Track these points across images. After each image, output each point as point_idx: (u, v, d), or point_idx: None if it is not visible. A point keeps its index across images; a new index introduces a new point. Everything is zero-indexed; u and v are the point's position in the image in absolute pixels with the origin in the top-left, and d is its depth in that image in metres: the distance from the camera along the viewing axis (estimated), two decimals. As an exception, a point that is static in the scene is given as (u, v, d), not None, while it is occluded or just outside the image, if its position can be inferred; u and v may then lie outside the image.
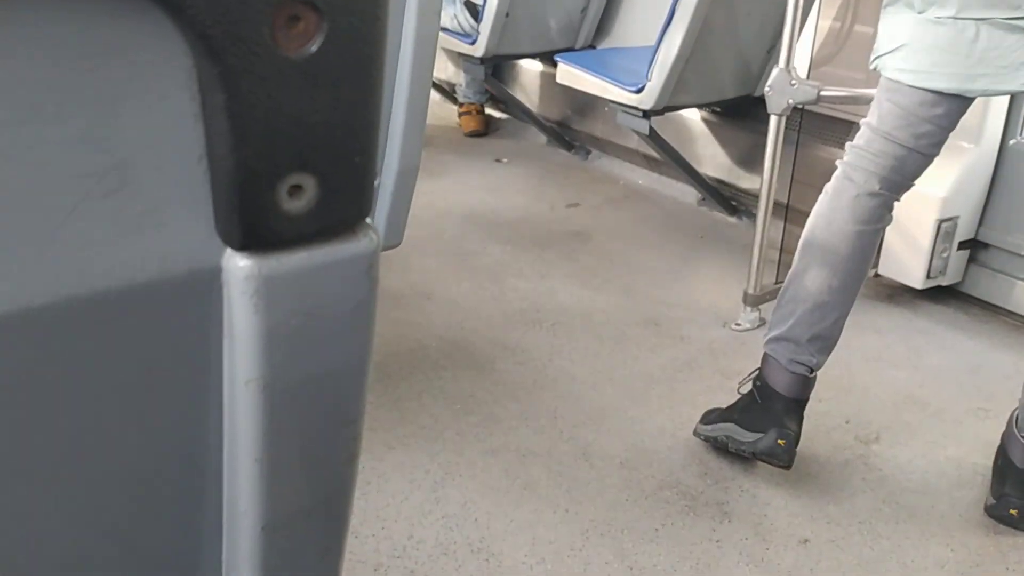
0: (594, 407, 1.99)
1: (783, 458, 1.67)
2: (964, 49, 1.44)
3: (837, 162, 1.66)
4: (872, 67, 1.60)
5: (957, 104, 1.53)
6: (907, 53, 1.50)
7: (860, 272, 1.66)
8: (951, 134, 1.59)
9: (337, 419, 0.43)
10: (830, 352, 1.71)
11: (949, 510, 1.70)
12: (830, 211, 1.64)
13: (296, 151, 0.36)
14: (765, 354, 1.74)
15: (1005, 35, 1.41)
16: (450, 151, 3.65)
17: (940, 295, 2.45)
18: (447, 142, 3.75)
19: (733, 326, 2.34)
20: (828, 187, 1.67)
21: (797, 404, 1.70)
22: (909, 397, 2.06)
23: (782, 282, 2.40)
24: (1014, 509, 1.64)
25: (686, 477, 1.77)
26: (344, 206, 0.39)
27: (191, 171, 0.36)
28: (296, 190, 0.37)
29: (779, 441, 1.67)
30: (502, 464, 1.79)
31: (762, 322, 2.34)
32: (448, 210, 3.04)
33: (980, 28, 1.42)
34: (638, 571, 1.53)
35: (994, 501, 1.67)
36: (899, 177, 1.61)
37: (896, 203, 1.65)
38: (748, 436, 1.70)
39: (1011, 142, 2.28)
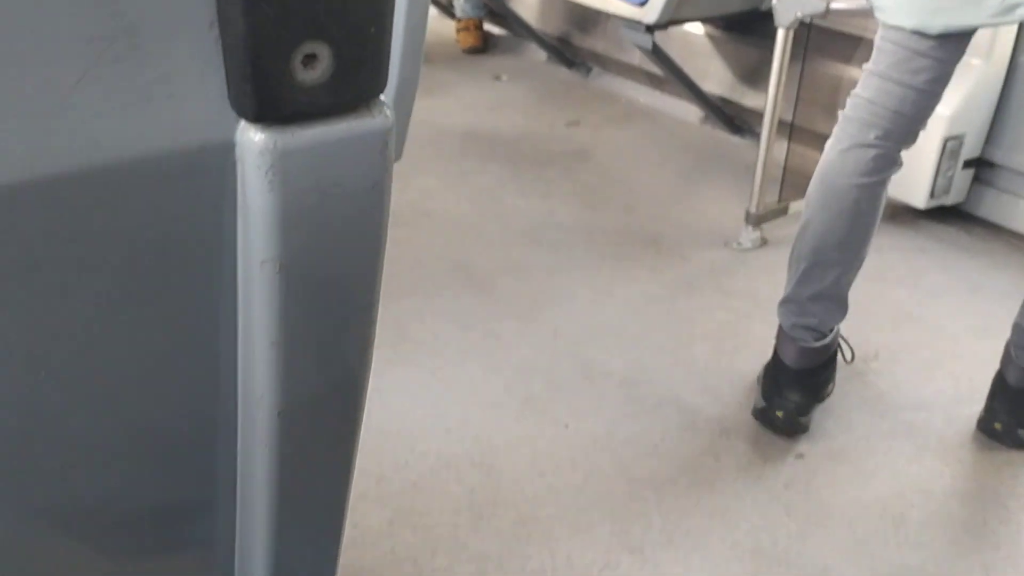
0: (594, 325, 2.00)
1: (781, 429, 1.66)
2: None
3: (839, 111, 1.59)
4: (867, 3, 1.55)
5: (951, 38, 1.45)
6: None
7: (861, 228, 1.58)
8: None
9: (353, 304, 0.43)
10: (841, 314, 1.66)
11: (944, 426, 1.72)
12: (826, 163, 1.58)
13: (310, 18, 0.35)
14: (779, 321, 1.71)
15: None
16: (448, 68, 3.59)
17: (943, 215, 2.44)
18: (445, 59, 3.69)
19: (735, 245, 2.34)
20: (830, 138, 1.60)
21: (801, 375, 1.66)
22: (908, 315, 2.07)
23: (785, 201, 2.40)
24: (999, 423, 1.67)
25: (685, 394, 1.79)
26: (359, 79, 0.37)
27: (203, 38, 0.34)
28: (310, 60, 0.36)
29: (777, 413, 1.66)
30: (503, 380, 1.80)
31: (764, 242, 2.33)
32: (447, 128, 3.00)
33: None
34: (637, 484, 1.55)
35: (984, 415, 1.70)
36: (900, 122, 1.52)
37: (904, 152, 1.57)
38: (759, 401, 1.70)
39: (1021, 59, 2.24)
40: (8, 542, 0.41)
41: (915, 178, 2.31)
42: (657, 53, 2.69)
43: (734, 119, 3.01)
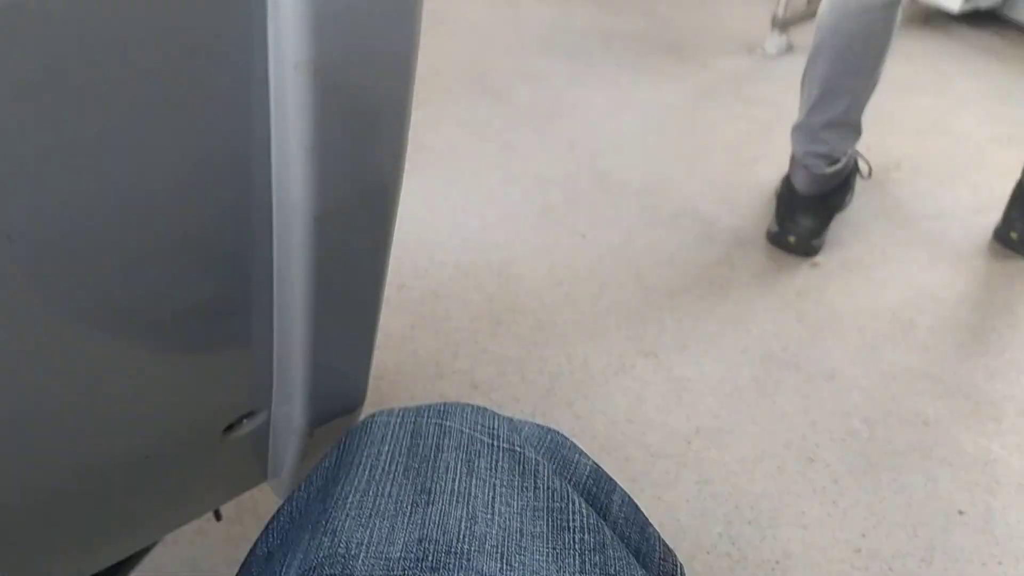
0: (612, 135, 1.97)
1: (797, 251, 1.67)
2: None
3: None
4: None
5: None
6: None
7: (874, 51, 1.53)
8: None
9: (387, 107, 0.42)
10: (855, 137, 1.64)
11: (961, 235, 1.73)
12: None
13: None
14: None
15: None
16: None
17: (977, 19, 2.34)
18: None
19: (759, 52, 2.26)
20: None
21: (814, 199, 1.66)
22: (934, 124, 2.03)
23: (815, 3, 2.30)
24: (1015, 233, 1.67)
25: (703, 204, 1.79)
26: None
27: None
28: None
29: (789, 238, 1.66)
30: (520, 191, 1.80)
31: (790, 48, 2.26)
32: (459, -74, 2.85)
33: None
34: (653, 293, 1.59)
35: (1000, 225, 1.70)
36: None
37: None
38: (773, 225, 1.70)
39: None
40: (52, 341, 0.43)
41: (952, -22, 2.20)
42: None
43: (764, -86, 2.83)
